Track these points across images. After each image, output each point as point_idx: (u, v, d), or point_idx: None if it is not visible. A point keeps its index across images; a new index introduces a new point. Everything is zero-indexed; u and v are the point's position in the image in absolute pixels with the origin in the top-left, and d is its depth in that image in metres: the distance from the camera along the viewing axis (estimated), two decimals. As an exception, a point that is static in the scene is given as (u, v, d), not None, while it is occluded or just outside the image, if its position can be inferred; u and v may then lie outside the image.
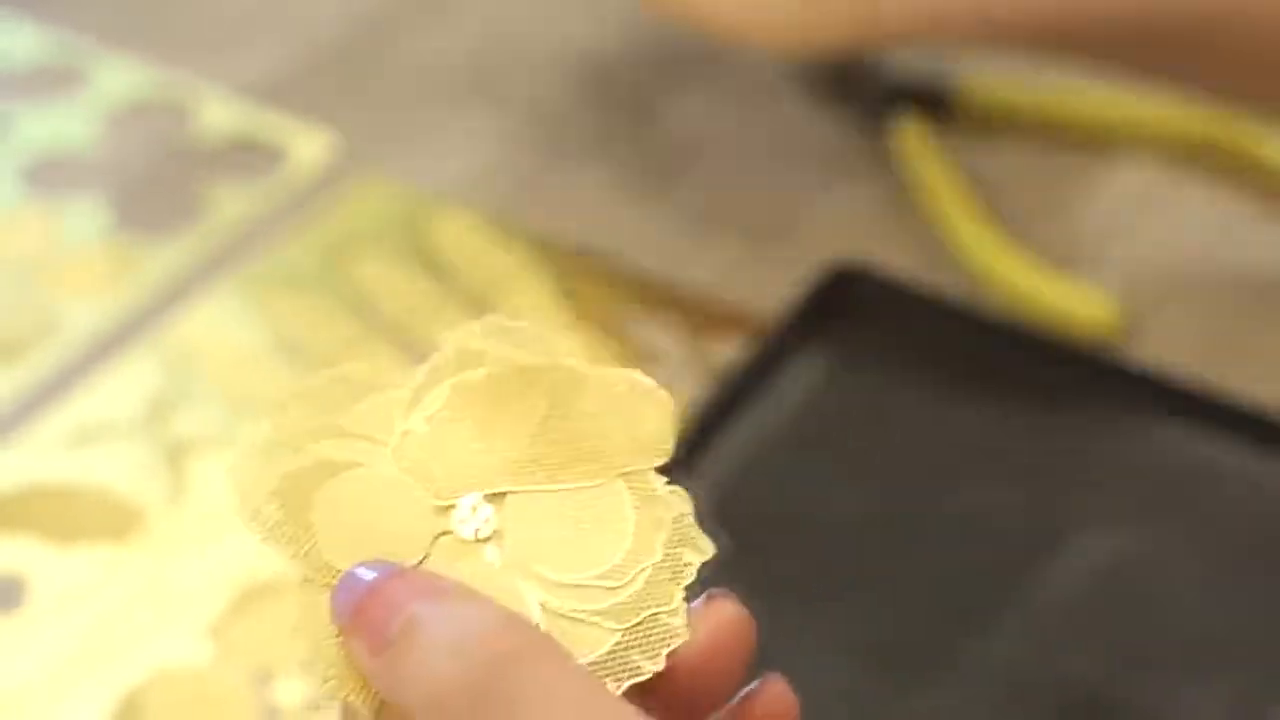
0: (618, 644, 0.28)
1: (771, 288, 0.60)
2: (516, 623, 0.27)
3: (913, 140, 0.66)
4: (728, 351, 0.59)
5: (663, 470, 0.30)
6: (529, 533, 0.29)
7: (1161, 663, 0.49)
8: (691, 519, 0.29)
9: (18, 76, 0.71)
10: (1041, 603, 0.51)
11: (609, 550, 0.29)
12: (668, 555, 0.29)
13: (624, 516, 0.29)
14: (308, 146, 0.68)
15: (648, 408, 0.30)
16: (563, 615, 0.28)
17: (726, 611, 0.29)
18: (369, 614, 0.28)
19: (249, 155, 0.68)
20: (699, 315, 0.61)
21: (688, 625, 0.28)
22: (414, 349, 0.60)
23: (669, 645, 0.28)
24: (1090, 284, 0.61)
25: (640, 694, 0.28)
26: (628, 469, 0.30)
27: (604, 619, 0.28)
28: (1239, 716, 0.48)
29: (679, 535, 0.29)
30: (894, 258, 0.62)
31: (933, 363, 0.57)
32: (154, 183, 0.68)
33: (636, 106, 0.70)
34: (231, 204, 0.66)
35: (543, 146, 0.69)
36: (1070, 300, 0.60)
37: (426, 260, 0.64)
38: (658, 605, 0.28)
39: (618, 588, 0.29)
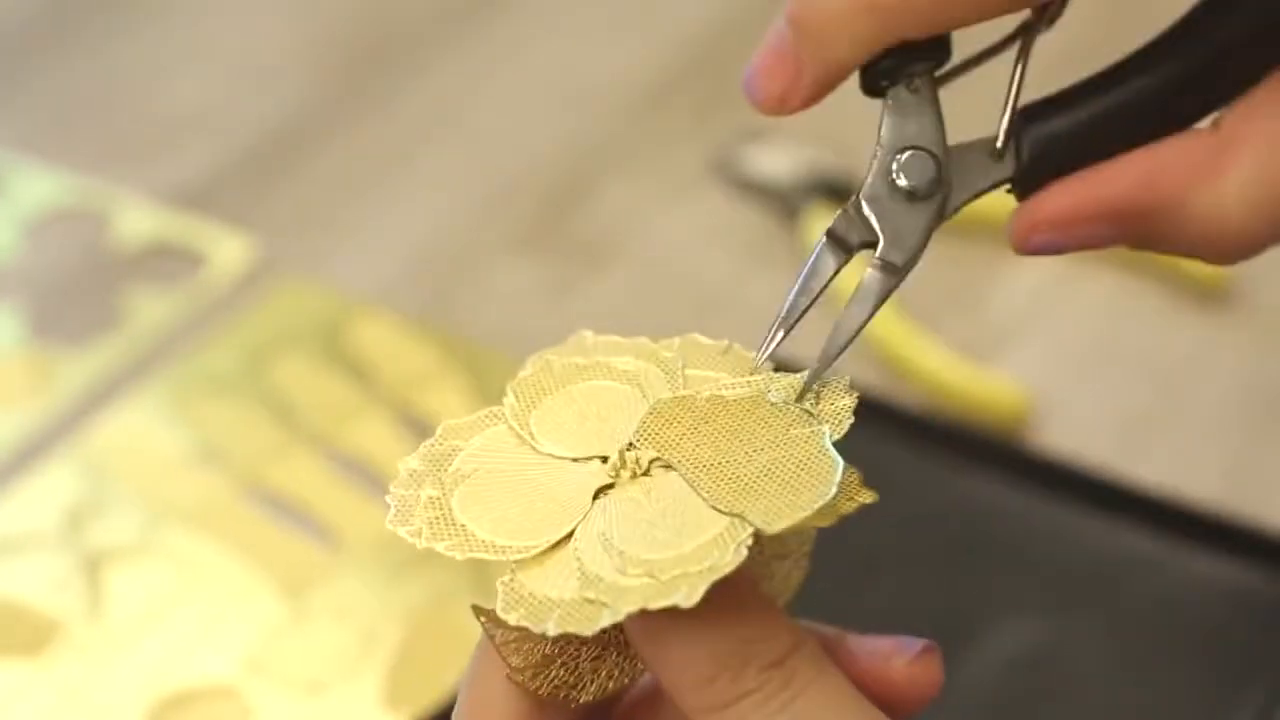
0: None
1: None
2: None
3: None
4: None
5: None
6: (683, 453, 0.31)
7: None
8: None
9: (-66, 186, 0.71)
10: (959, 694, 0.51)
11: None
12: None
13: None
14: (227, 250, 0.69)
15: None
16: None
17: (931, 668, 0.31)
18: None
19: (168, 261, 0.68)
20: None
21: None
22: (335, 451, 0.61)
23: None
24: (1000, 373, 0.62)
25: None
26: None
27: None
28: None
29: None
30: (807, 347, 0.63)
31: (845, 455, 0.58)
32: (72, 291, 0.68)
33: (556, 202, 0.71)
34: (151, 310, 0.66)
35: (462, 245, 0.69)
36: (981, 390, 0.61)
37: (347, 361, 0.64)
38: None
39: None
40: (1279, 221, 0.30)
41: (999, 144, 0.32)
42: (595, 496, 0.31)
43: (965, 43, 0.33)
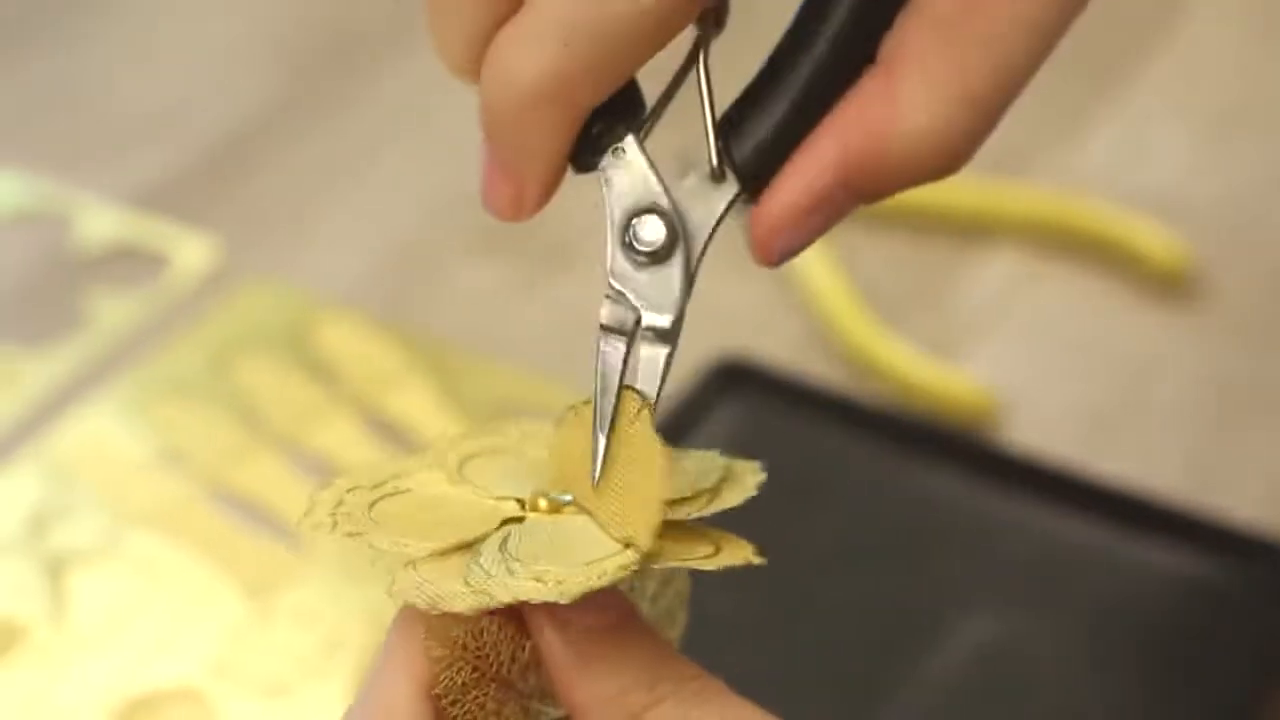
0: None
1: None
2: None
3: (790, 233, 0.67)
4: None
5: None
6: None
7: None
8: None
9: (-107, 189, 0.71)
10: (925, 687, 0.51)
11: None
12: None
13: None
14: (189, 252, 0.68)
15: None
16: None
17: None
18: None
19: (130, 262, 0.68)
20: (583, 412, 0.61)
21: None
22: (300, 452, 0.60)
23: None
24: (965, 371, 0.63)
25: None
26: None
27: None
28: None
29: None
30: (776, 349, 0.63)
31: (813, 453, 0.58)
32: (34, 293, 0.67)
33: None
34: (113, 312, 0.66)
35: (426, 245, 0.69)
36: (946, 387, 0.62)
37: (311, 362, 0.64)
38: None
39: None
40: (969, 119, 0.30)
41: (713, 164, 0.32)
42: (505, 523, 0.32)
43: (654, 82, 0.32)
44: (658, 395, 0.32)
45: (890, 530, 0.56)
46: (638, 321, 0.32)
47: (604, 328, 0.32)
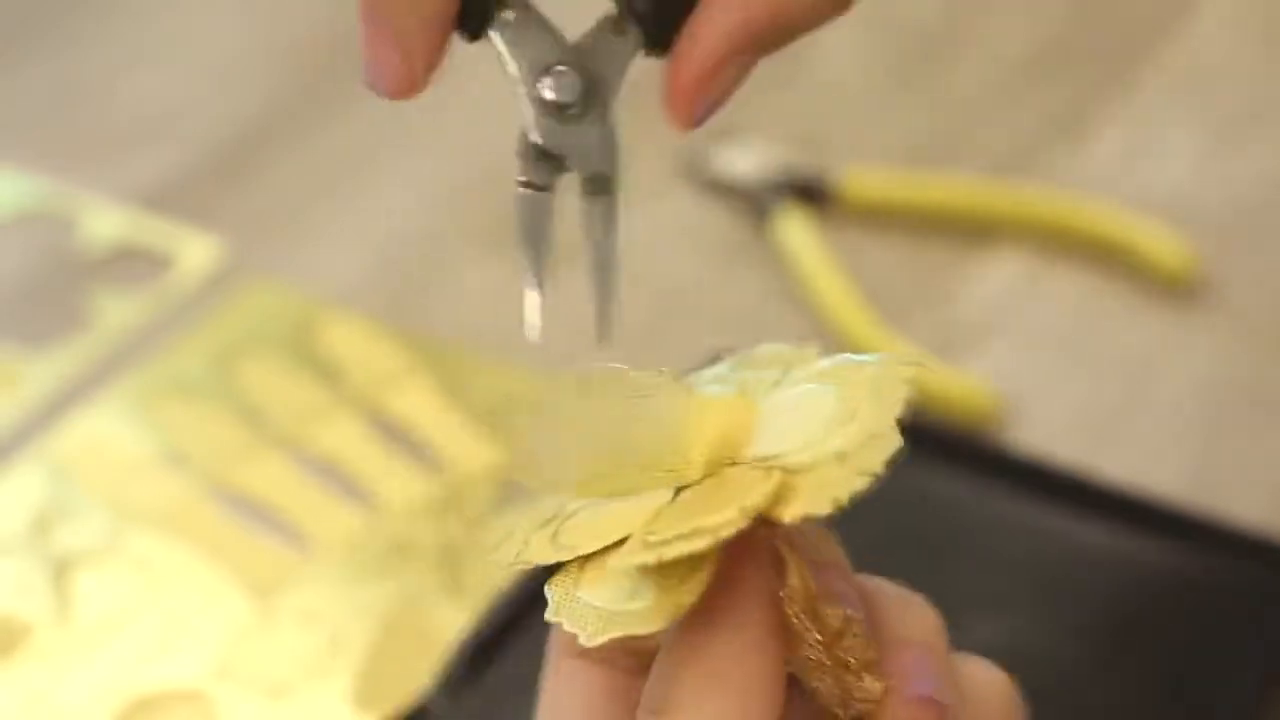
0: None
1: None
2: None
3: (794, 232, 0.67)
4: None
5: None
6: None
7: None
8: None
9: (-103, 188, 0.71)
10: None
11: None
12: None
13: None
14: (193, 252, 0.68)
15: None
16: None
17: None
18: None
19: (134, 263, 0.68)
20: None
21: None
22: (303, 453, 0.60)
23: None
24: (969, 371, 0.62)
25: None
26: None
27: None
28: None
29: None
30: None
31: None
32: (38, 293, 0.67)
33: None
34: (117, 312, 0.66)
35: (429, 244, 0.69)
36: (950, 388, 0.61)
37: (315, 362, 0.64)
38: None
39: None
40: None
41: (615, 17, 0.32)
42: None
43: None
44: (617, 251, 0.33)
45: (893, 531, 0.56)
46: (553, 177, 0.32)
47: (523, 184, 0.32)
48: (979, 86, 0.76)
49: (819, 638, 0.30)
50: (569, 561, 0.30)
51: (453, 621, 0.53)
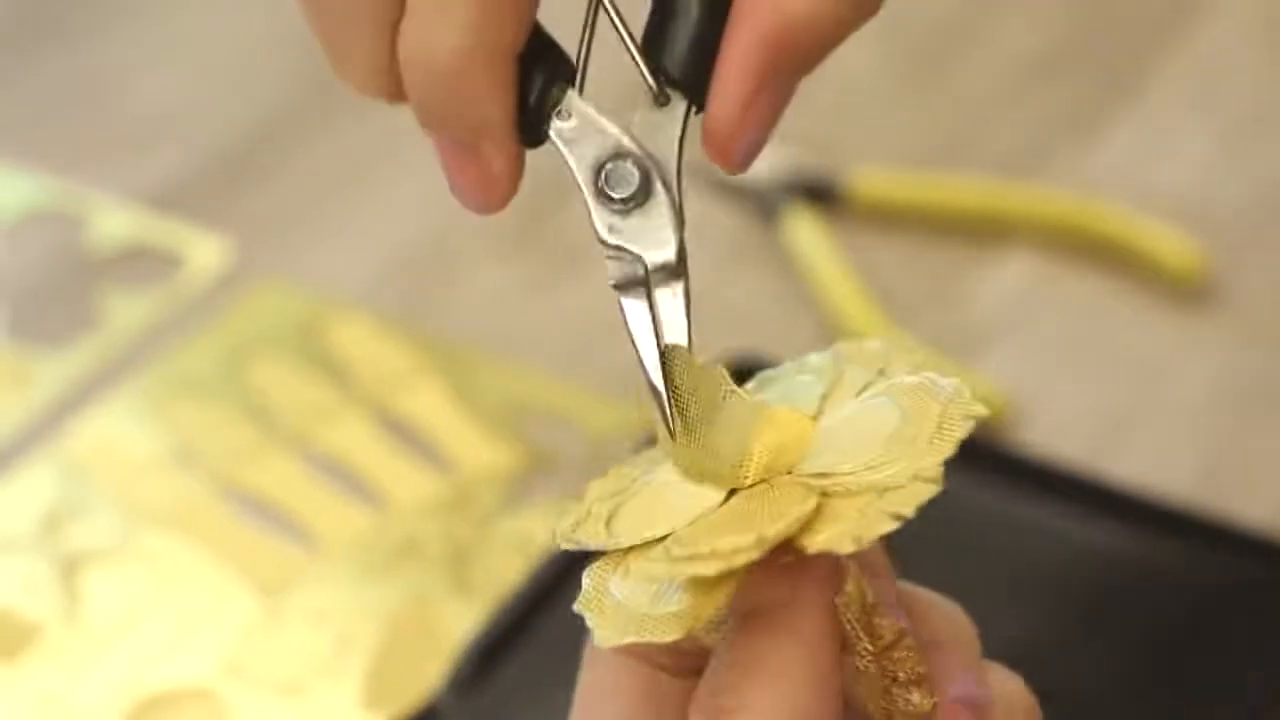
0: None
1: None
2: None
3: (804, 233, 0.67)
4: (627, 451, 0.59)
5: None
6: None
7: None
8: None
9: (-92, 188, 0.71)
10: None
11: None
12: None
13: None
14: (203, 252, 0.68)
15: None
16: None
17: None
18: None
19: (144, 263, 0.68)
20: (598, 416, 0.61)
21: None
22: (312, 452, 0.60)
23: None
24: (979, 373, 0.62)
25: None
26: None
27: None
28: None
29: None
30: (789, 351, 0.62)
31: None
32: (48, 293, 0.67)
33: (535, 202, 0.71)
34: (127, 312, 0.66)
35: (439, 246, 0.69)
36: (960, 389, 0.61)
37: (324, 362, 0.64)
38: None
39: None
40: None
41: (653, 88, 0.32)
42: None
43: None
44: (689, 337, 0.32)
45: (900, 532, 0.56)
46: (647, 268, 0.32)
47: (616, 287, 0.32)
48: (988, 88, 0.75)
49: (870, 647, 0.29)
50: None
51: (461, 621, 0.53)
